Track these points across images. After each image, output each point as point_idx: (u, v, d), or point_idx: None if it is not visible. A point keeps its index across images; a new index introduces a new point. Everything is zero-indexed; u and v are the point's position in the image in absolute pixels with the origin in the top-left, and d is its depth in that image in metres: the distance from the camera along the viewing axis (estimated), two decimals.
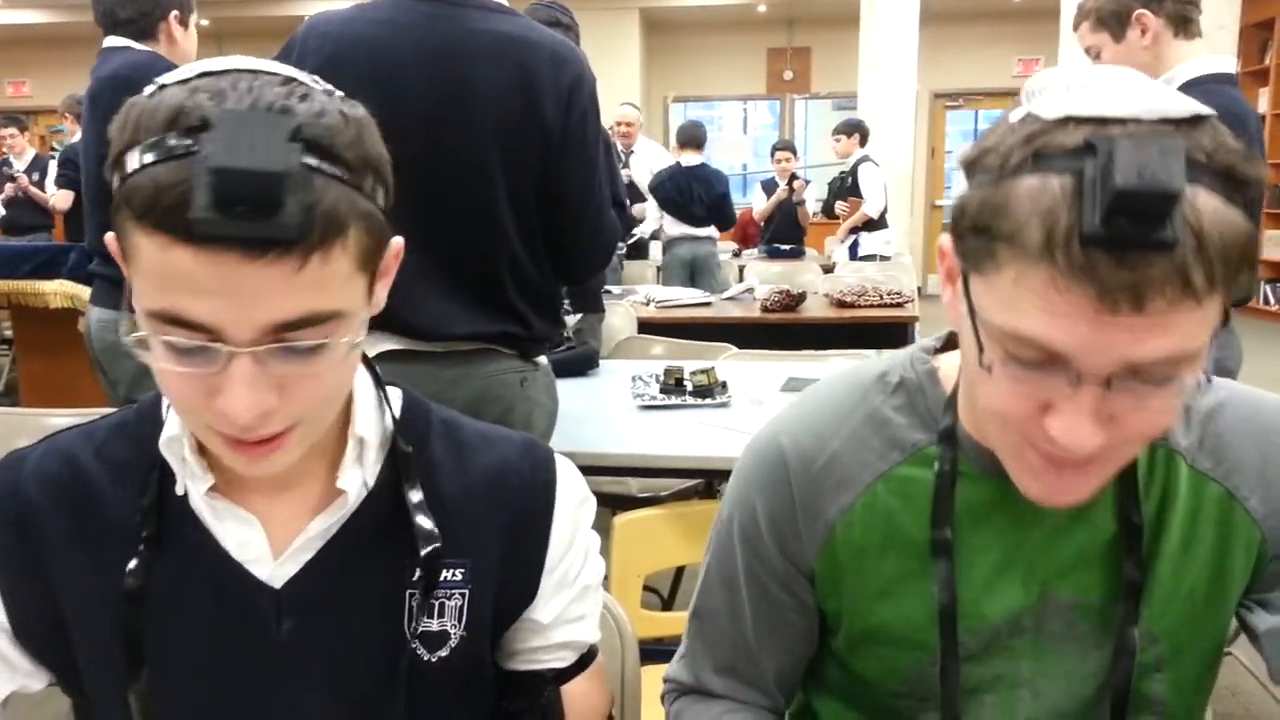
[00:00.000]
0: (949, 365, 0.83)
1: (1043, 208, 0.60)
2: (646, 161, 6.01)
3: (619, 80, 10.07)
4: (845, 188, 6.41)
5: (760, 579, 0.87)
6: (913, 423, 0.82)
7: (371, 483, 0.77)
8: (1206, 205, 0.58)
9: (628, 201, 3.99)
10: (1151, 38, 2.02)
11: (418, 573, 0.77)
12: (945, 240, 0.71)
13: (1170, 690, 0.82)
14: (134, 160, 0.60)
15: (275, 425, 0.65)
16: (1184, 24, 2.03)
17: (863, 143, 6.34)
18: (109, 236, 0.65)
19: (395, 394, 0.82)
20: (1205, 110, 0.61)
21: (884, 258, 6.00)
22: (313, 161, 0.60)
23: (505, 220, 1.59)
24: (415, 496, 0.77)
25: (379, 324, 1.54)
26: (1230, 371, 2.05)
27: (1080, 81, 0.64)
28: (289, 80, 0.64)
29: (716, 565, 0.90)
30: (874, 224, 6.20)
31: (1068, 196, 0.59)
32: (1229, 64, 2.05)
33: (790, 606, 0.87)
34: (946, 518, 0.79)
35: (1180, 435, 0.80)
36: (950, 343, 0.86)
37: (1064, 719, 0.82)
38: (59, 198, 5.89)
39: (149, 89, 0.63)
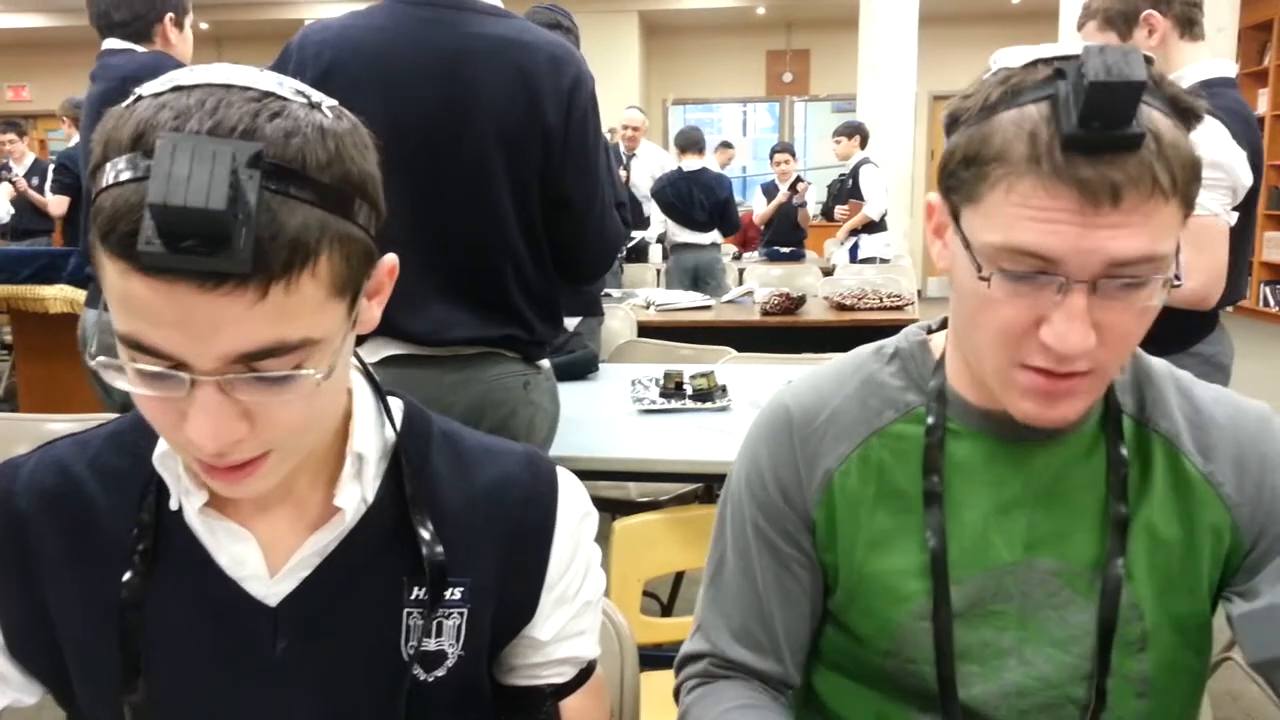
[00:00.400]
0: (939, 340, 0.91)
1: (1025, 129, 0.70)
2: (648, 166, 6.01)
3: (618, 83, 10.07)
4: (846, 190, 6.41)
5: (767, 534, 0.90)
6: (906, 385, 0.89)
7: (371, 499, 0.75)
8: (1161, 121, 0.69)
9: (627, 201, 4.00)
10: (1159, 38, 2.04)
11: (415, 591, 0.76)
12: (933, 196, 0.80)
13: (1156, 669, 0.84)
14: (103, 177, 0.58)
15: (246, 452, 0.64)
16: (1189, 26, 2.05)
17: (863, 145, 6.35)
18: None
19: (396, 405, 0.81)
20: (1148, 54, 0.69)
21: (884, 260, 6.00)
22: (275, 187, 0.57)
23: (508, 224, 1.59)
24: (425, 533, 0.76)
25: (381, 330, 1.54)
26: (1224, 366, 2.08)
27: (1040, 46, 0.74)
28: (264, 96, 0.60)
29: (729, 525, 0.94)
30: (874, 226, 6.20)
31: (1045, 116, 0.69)
32: (1231, 68, 2.07)
33: (797, 560, 0.90)
34: (936, 467, 0.85)
35: (1164, 421, 0.85)
36: (943, 326, 0.92)
37: (1051, 688, 0.84)
38: (54, 203, 5.88)
39: (129, 99, 0.61)
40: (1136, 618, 0.82)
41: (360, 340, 0.73)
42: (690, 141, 5.58)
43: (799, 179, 6.58)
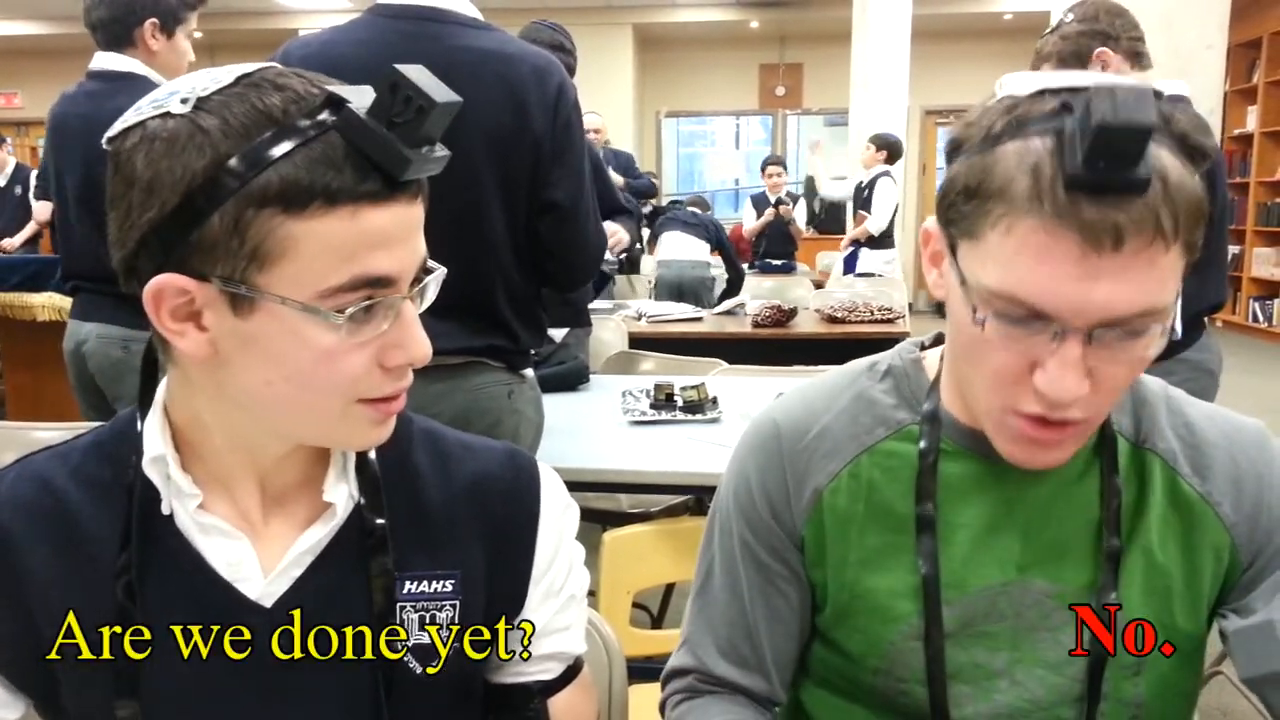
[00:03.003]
0: (933, 359, 0.90)
1: (1028, 163, 0.67)
2: None
3: (612, 95, 10.09)
4: (862, 199, 6.30)
5: (754, 549, 0.90)
6: (898, 403, 0.88)
7: (358, 494, 0.77)
8: (1169, 161, 0.67)
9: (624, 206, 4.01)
10: (1111, 74, 2.12)
11: (407, 585, 0.77)
12: (930, 223, 0.79)
13: (1150, 693, 0.83)
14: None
15: None
16: (1137, 58, 2.17)
17: (890, 160, 6.25)
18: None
19: None
20: (1160, 88, 0.68)
21: (880, 277, 5.97)
22: None
23: (498, 235, 1.59)
24: (379, 522, 0.76)
25: None
26: (1213, 372, 2.14)
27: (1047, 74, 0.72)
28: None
29: (716, 539, 0.93)
30: (877, 242, 6.15)
31: (1049, 151, 0.67)
32: (1185, 87, 2.17)
33: (784, 576, 0.90)
34: (930, 492, 0.84)
35: (1159, 441, 0.85)
36: (936, 343, 0.91)
37: (1042, 710, 0.84)
38: (39, 209, 5.77)
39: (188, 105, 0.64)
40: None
41: None
42: (692, 201, 6.94)
43: (780, 201, 6.63)
